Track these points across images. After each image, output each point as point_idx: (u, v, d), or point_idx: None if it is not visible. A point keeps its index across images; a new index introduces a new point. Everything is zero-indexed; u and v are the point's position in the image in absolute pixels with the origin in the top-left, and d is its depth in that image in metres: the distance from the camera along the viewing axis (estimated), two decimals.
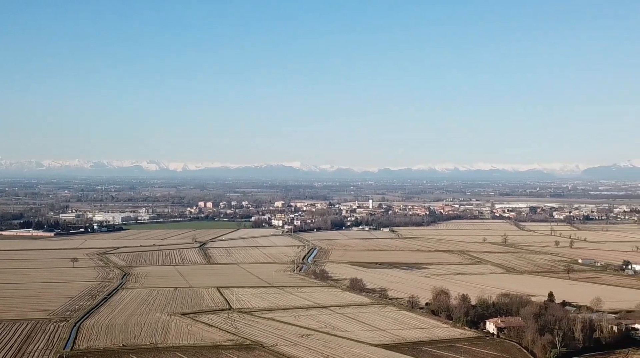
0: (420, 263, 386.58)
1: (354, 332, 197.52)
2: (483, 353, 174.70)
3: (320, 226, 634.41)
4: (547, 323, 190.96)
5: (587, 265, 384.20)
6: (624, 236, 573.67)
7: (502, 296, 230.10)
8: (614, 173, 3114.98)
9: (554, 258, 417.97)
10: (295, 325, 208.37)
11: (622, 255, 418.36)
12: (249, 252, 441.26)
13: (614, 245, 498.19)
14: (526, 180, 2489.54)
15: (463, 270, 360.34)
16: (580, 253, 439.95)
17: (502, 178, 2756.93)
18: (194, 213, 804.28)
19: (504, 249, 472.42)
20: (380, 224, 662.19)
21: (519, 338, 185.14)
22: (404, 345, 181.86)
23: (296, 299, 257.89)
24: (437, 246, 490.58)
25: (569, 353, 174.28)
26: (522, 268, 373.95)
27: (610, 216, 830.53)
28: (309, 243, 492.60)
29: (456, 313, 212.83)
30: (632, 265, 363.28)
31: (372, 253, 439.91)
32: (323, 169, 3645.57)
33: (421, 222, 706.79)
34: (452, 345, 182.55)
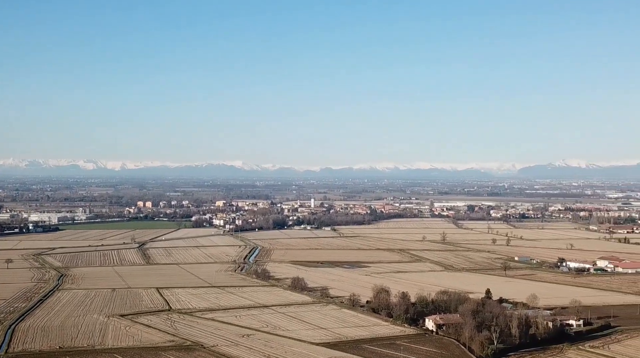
0: (361, 262, 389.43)
1: (295, 331, 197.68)
2: (422, 350, 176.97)
3: (262, 225, 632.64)
4: (485, 319, 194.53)
5: (523, 262, 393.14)
6: (559, 234, 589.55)
7: (441, 294, 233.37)
8: (549, 172, 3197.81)
9: (491, 255, 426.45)
10: (237, 325, 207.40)
11: (557, 252, 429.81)
12: (190, 252, 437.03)
13: (549, 243, 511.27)
14: (464, 179, 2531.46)
15: (403, 268, 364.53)
16: (517, 250, 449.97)
17: (441, 177, 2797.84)
18: (133, 213, 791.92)
19: (443, 247, 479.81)
20: (322, 223, 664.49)
21: (457, 334, 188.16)
22: (345, 344, 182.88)
23: (237, 299, 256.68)
24: (377, 244, 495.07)
25: (505, 349, 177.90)
26: (461, 265, 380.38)
27: (546, 214, 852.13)
28: (250, 243, 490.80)
29: (396, 310, 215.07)
30: (567, 262, 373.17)
31: (313, 252, 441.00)
32: (265, 169, 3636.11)
33: (362, 221, 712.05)
34: (393, 342, 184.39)
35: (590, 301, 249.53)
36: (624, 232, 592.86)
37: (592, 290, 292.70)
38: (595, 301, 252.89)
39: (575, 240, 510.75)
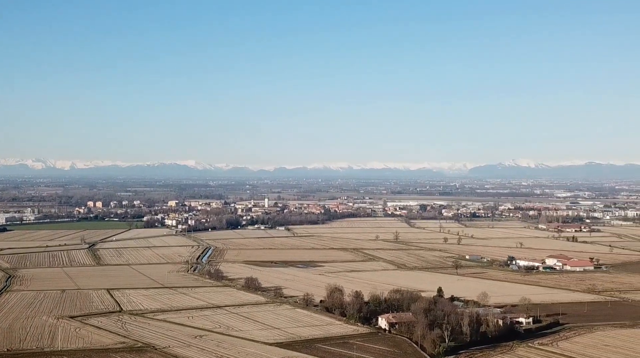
0: (315, 261, 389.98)
1: (248, 332, 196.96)
2: (375, 349, 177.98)
3: (215, 225, 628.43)
4: (437, 318, 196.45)
5: (474, 260, 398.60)
6: (509, 233, 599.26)
7: (393, 293, 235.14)
8: (499, 171, 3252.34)
9: (443, 254, 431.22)
10: (189, 326, 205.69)
11: (506, 250, 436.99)
12: (141, 253, 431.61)
13: (499, 241, 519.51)
14: (417, 179, 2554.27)
15: (357, 267, 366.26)
16: (468, 249, 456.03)
17: (394, 177, 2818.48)
18: (83, 213, 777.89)
19: (395, 246, 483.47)
20: (276, 223, 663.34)
21: (409, 333, 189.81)
22: (298, 343, 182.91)
23: (190, 300, 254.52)
24: (331, 244, 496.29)
25: (457, 347, 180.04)
26: (413, 264, 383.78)
27: (496, 213, 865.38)
28: (203, 243, 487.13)
29: (350, 310, 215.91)
30: (517, 261, 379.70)
31: (267, 252, 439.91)
32: (218, 168, 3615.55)
33: (316, 220, 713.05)
34: (346, 341, 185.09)
35: (539, 299, 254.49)
36: (572, 231, 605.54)
37: (541, 288, 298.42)
38: (544, 299, 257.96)
39: (524, 239, 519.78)
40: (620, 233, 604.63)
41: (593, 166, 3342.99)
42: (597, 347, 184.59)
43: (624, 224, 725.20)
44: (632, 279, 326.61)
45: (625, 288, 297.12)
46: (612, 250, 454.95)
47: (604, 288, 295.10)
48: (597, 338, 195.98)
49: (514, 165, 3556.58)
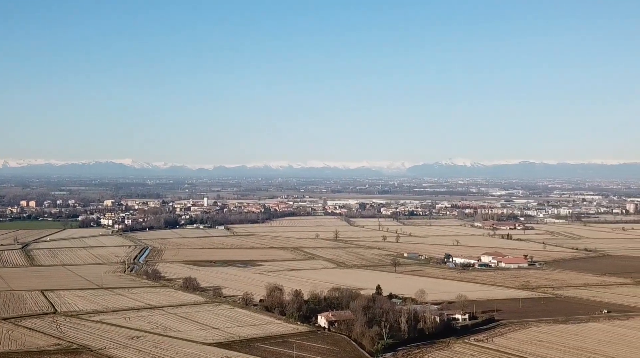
0: (255, 260, 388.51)
1: (187, 332, 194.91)
2: (314, 347, 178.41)
3: (153, 225, 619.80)
4: (375, 315, 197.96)
5: (412, 258, 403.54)
6: (446, 231, 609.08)
7: (333, 291, 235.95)
8: (437, 170, 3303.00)
9: (381, 252, 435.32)
10: (126, 327, 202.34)
11: (443, 248, 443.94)
12: (76, 253, 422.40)
13: (436, 239, 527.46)
14: (356, 177, 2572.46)
15: (297, 266, 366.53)
16: (406, 247, 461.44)
17: (334, 176, 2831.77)
18: (15, 213, 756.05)
19: (335, 244, 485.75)
20: (215, 222, 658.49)
21: (348, 330, 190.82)
22: (237, 343, 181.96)
23: (126, 300, 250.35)
24: (271, 243, 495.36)
25: (395, 344, 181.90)
26: (352, 262, 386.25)
27: (433, 211, 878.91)
28: (140, 243, 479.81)
29: (289, 308, 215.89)
30: (453, 258, 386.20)
31: (206, 252, 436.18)
32: (156, 167, 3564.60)
33: (256, 219, 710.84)
34: (285, 340, 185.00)
35: (475, 295, 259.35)
36: (506, 229, 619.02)
37: (477, 284, 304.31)
38: (480, 296, 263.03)
39: (461, 237, 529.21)
40: (553, 230, 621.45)
41: (527, 165, 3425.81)
42: (531, 342, 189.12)
43: (557, 222, 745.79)
44: (565, 276, 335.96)
45: (558, 284, 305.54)
46: (545, 247, 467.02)
47: (537, 284, 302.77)
48: (531, 333, 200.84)
49: (451, 164, 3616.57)
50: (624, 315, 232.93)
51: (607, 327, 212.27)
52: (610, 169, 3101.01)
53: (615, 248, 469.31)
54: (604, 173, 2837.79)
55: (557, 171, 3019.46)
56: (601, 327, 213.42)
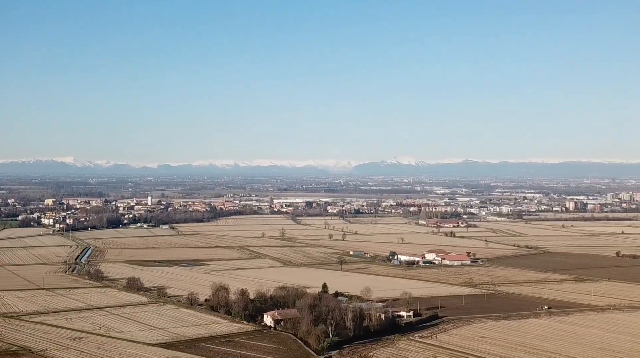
0: (200, 260, 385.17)
1: (130, 333, 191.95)
2: (260, 346, 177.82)
3: (95, 224, 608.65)
4: (321, 313, 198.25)
5: (357, 256, 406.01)
6: (391, 229, 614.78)
7: (279, 289, 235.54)
8: (382, 169, 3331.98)
9: (328, 250, 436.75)
10: (67, 328, 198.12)
11: (389, 246, 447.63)
12: (16, 253, 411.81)
13: (381, 237, 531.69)
14: (303, 176, 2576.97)
15: (243, 265, 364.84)
16: (352, 245, 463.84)
17: (280, 174, 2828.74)
18: None
19: (281, 243, 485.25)
20: (159, 221, 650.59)
21: (294, 329, 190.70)
22: (182, 343, 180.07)
23: (68, 301, 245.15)
24: (217, 242, 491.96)
25: (340, 341, 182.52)
26: (299, 261, 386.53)
27: (379, 209, 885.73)
28: (83, 243, 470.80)
29: (235, 308, 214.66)
30: (398, 256, 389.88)
31: (150, 251, 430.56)
32: (98, 165, 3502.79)
33: (202, 218, 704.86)
34: (231, 339, 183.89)
35: (419, 292, 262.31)
36: (450, 226, 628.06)
37: (422, 281, 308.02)
38: (424, 293, 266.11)
39: (406, 234, 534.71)
40: (495, 228, 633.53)
41: (470, 164, 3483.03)
42: (474, 338, 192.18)
43: (499, 219, 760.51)
44: (507, 272, 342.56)
45: (500, 281, 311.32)
46: (488, 244, 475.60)
47: (480, 281, 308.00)
48: (474, 330, 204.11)
49: (396, 163, 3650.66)
50: (563, 311, 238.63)
51: (547, 323, 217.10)
52: (551, 168, 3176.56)
53: (555, 245, 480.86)
54: (545, 172, 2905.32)
55: (499, 170, 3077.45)
56: (542, 322, 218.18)
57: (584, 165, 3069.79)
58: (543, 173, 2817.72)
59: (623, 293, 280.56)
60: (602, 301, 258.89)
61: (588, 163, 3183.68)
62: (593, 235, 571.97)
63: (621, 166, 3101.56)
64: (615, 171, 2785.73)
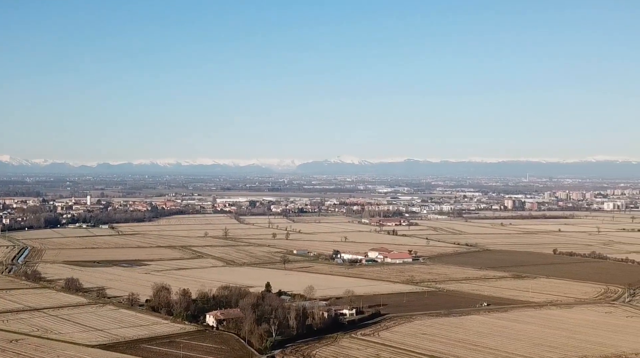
0: (141, 260, 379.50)
1: (69, 334, 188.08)
2: (202, 347, 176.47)
3: (32, 224, 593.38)
4: (265, 312, 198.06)
5: (301, 255, 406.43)
6: (334, 227, 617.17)
7: (222, 289, 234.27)
8: (326, 168, 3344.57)
9: (271, 249, 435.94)
10: (4, 330, 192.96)
11: (332, 244, 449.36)
12: None
13: (325, 236, 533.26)
14: (246, 175, 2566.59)
15: (185, 265, 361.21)
16: (296, 244, 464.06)
17: (223, 173, 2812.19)
18: None
19: (224, 242, 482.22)
20: (99, 221, 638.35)
21: (237, 329, 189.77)
22: (122, 344, 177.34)
23: (4, 302, 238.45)
24: (158, 242, 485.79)
25: (284, 340, 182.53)
26: (242, 260, 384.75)
27: (322, 208, 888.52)
28: (19, 243, 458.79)
29: (177, 308, 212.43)
30: (341, 254, 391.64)
31: (90, 251, 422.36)
32: (35, 164, 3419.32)
33: (143, 218, 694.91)
34: (172, 340, 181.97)
35: (362, 291, 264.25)
36: (392, 225, 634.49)
37: (364, 280, 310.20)
38: (366, 291, 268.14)
39: (349, 233, 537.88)
40: (436, 226, 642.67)
41: (411, 163, 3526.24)
42: (415, 335, 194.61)
43: (440, 218, 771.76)
44: (447, 270, 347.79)
45: (441, 278, 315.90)
46: (429, 242, 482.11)
47: (421, 279, 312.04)
48: (416, 327, 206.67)
49: (339, 162, 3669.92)
50: (502, 307, 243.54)
51: (487, 319, 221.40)
52: (490, 167, 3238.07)
53: (494, 242, 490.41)
54: (484, 171, 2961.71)
55: (440, 169, 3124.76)
56: (481, 319, 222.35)
57: (522, 164, 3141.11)
58: (482, 172, 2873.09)
59: (560, 289, 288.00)
60: (540, 297, 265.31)
61: (526, 162, 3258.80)
62: (531, 232, 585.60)
63: (558, 166, 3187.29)
64: (552, 170, 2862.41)
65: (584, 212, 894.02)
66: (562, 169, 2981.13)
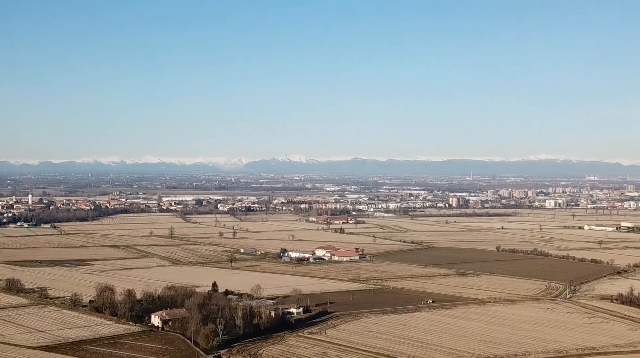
0: (84, 260, 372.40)
1: (9, 336, 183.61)
2: (147, 347, 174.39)
3: None
4: (211, 312, 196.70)
5: (248, 254, 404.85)
6: (282, 226, 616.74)
7: (167, 289, 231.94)
8: (273, 166, 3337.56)
9: (218, 248, 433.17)
10: None
11: (279, 243, 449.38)
12: None
13: (272, 234, 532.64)
14: (193, 173, 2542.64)
15: (129, 265, 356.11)
16: (243, 243, 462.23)
17: (169, 172, 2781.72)
18: None
19: (170, 242, 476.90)
20: (41, 220, 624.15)
21: (183, 329, 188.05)
22: (65, 346, 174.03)
23: None
24: (102, 241, 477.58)
25: (230, 340, 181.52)
26: (188, 259, 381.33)
27: (270, 207, 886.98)
28: None
29: (121, 308, 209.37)
30: (289, 253, 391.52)
31: (31, 251, 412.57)
32: None
33: (86, 217, 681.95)
34: (117, 341, 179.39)
35: (309, 289, 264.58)
36: (340, 223, 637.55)
37: (312, 278, 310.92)
38: (314, 289, 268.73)
39: (296, 231, 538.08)
40: (383, 224, 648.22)
41: (359, 161, 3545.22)
42: (361, 333, 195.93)
43: (386, 216, 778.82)
44: (393, 268, 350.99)
45: (387, 276, 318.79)
46: (375, 240, 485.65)
47: (368, 276, 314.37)
48: (362, 324, 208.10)
49: (287, 160, 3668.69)
50: (447, 304, 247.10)
51: (432, 316, 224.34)
52: (435, 165, 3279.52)
53: (439, 240, 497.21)
54: (430, 169, 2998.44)
55: (386, 168, 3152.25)
56: (427, 316, 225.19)
57: (467, 163, 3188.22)
58: (428, 171, 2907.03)
59: (503, 286, 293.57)
60: (483, 294, 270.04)
61: (470, 160, 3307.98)
62: (474, 230, 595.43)
63: (501, 164, 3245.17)
64: (495, 168, 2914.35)
65: (526, 210, 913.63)
66: (505, 167, 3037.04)
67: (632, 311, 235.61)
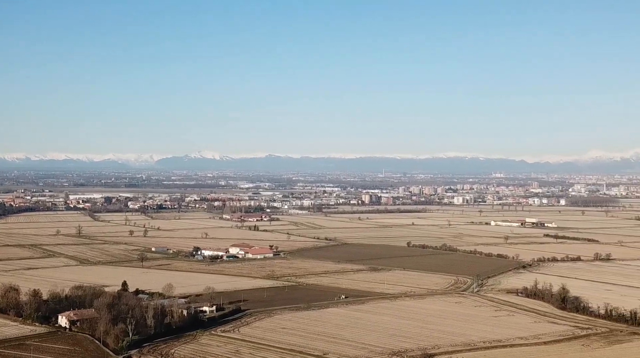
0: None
1: None
2: (54, 349, 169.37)
3: None
4: (121, 312, 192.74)
5: (160, 252, 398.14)
6: (195, 224, 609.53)
7: (75, 289, 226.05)
8: (186, 163, 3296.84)
9: (128, 247, 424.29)
10: None
11: (192, 241, 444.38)
12: None
13: (185, 233, 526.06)
14: (101, 170, 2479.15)
15: (35, 265, 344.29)
16: (154, 241, 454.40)
17: (77, 169, 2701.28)
18: None
19: (78, 241, 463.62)
20: None
21: (92, 330, 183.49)
22: None
23: None
24: (6, 240, 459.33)
25: (141, 340, 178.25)
26: (97, 259, 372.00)
27: (182, 204, 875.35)
28: None
29: (27, 309, 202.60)
30: (202, 251, 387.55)
31: None
32: None
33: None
34: (22, 343, 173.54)
35: (223, 287, 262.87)
36: (254, 220, 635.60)
37: (225, 276, 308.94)
38: (227, 287, 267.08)
39: (210, 229, 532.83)
40: (297, 221, 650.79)
41: (273, 158, 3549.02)
42: (275, 330, 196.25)
43: (300, 213, 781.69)
44: (307, 264, 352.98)
45: (301, 273, 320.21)
46: (290, 237, 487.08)
47: (282, 273, 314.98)
48: (276, 321, 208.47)
49: (200, 157, 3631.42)
50: (359, 299, 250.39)
51: (344, 312, 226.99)
52: (349, 162, 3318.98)
53: (352, 236, 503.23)
54: (343, 167, 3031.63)
55: (300, 165, 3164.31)
56: (339, 311, 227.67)
57: (378, 160, 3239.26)
58: (342, 168, 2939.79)
59: (413, 281, 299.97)
60: (395, 289, 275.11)
61: (382, 158, 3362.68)
62: (386, 226, 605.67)
63: (411, 161, 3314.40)
64: (406, 166, 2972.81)
65: (435, 206, 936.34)
66: (415, 164, 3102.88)
67: (537, 304, 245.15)
